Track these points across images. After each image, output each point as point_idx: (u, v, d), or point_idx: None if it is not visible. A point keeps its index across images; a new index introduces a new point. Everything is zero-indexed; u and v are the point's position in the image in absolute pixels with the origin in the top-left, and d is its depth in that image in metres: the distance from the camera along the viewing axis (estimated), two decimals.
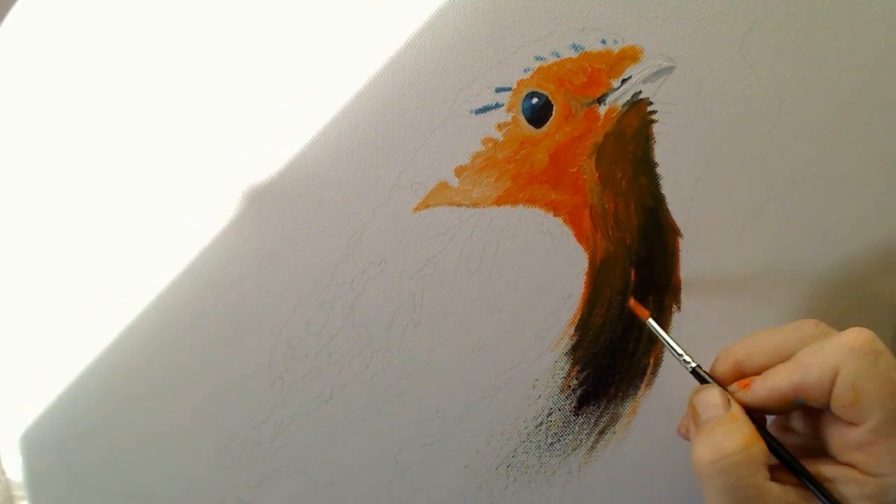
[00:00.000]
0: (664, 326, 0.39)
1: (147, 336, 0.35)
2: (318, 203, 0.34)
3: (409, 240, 0.35)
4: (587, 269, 0.37)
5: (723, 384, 0.34)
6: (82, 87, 0.32)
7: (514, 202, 0.36)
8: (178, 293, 0.34)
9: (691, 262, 0.38)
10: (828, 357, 0.30)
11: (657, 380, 0.39)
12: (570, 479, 0.39)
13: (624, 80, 0.35)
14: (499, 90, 0.34)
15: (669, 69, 0.35)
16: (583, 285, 0.37)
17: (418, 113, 0.34)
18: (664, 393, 0.39)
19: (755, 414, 0.32)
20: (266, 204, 0.34)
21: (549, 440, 0.39)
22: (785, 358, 0.32)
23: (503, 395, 0.38)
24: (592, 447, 0.39)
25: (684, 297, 0.39)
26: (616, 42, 0.34)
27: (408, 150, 0.34)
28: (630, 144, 0.36)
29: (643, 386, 0.39)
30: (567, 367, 0.38)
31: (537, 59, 0.34)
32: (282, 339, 0.35)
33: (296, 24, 0.32)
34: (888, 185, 0.38)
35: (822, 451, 0.32)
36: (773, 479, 0.31)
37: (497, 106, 0.34)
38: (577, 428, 0.39)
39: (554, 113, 0.35)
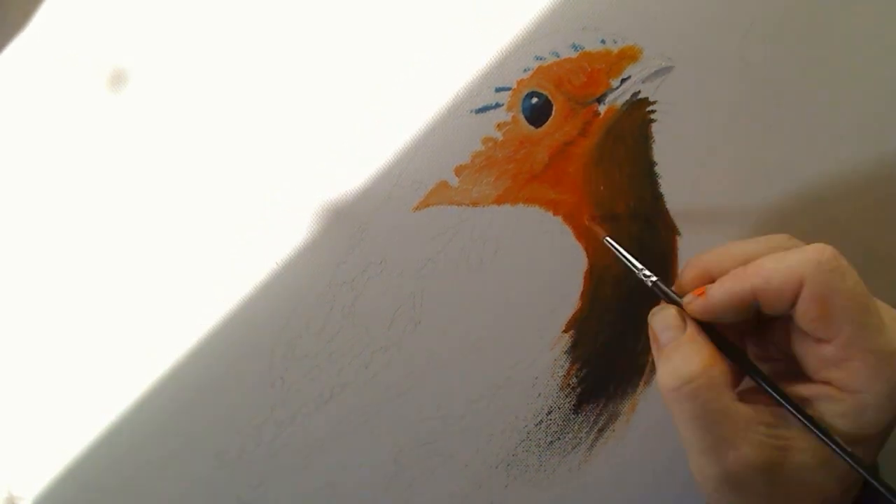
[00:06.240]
0: None
1: (146, 336, 0.35)
2: (318, 203, 0.34)
3: (409, 239, 0.35)
4: (587, 268, 0.37)
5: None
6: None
7: (514, 201, 0.36)
8: (178, 293, 0.34)
9: None
10: (793, 267, 0.29)
11: (656, 377, 0.39)
12: (570, 478, 0.39)
13: (623, 80, 0.35)
14: (499, 90, 0.34)
15: (669, 69, 0.35)
16: (582, 284, 0.37)
17: (418, 112, 0.34)
18: None
19: (714, 322, 0.31)
20: (265, 205, 0.34)
21: (549, 439, 0.39)
22: None
23: (503, 394, 0.38)
24: (592, 445, 0.39)
25: None
26: (616, 42, 0.34)
27: (408, 150, 0.34)
28: (629, 144, 0.36)
29: (642, 384, 0.39)
30: (567, 365, 0.38)
31: (537, 58, 0.34)
32: (282, 340, 0.35)
33: (292, 24, 0.32)
34: (888, 185, 0.38)
35: (799, 373, 0.31)
36: (743, 399, 0.29)
37: (497, 106, 0.34)
38: (576, 426, 0.39)
39: (553, 112, 0.35)
